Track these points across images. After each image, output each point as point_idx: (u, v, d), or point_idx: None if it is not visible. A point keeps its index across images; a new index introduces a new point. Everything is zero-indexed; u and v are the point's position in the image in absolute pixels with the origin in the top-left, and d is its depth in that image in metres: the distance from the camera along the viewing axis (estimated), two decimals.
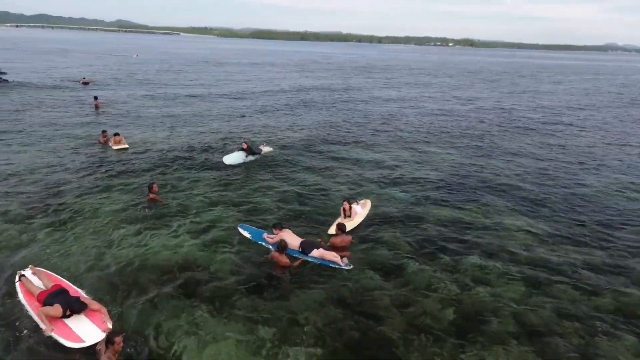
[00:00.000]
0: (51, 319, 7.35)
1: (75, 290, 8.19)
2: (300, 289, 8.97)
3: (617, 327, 8.28)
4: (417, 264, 10.10)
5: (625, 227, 12.73)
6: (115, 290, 8.67)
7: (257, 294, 8.74)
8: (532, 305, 8.84)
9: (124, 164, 16.31)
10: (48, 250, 10.03)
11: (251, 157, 16.67)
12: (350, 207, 11.76)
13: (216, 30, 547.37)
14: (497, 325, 8.19)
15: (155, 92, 35.08)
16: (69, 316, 7.47)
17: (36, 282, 8.35)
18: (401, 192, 14.73)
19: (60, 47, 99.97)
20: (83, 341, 7.04)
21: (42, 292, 7.85)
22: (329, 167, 17.11)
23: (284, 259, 9.31)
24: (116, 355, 6.36)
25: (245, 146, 16.81)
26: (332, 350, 7.44)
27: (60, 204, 12.50)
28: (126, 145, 18.20)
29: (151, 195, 12.56)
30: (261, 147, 17.65)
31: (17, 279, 8.39)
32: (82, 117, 24.25)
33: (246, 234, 10.62)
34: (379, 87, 48.64)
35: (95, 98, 27.11)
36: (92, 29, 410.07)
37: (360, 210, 12.09)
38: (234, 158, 16.45)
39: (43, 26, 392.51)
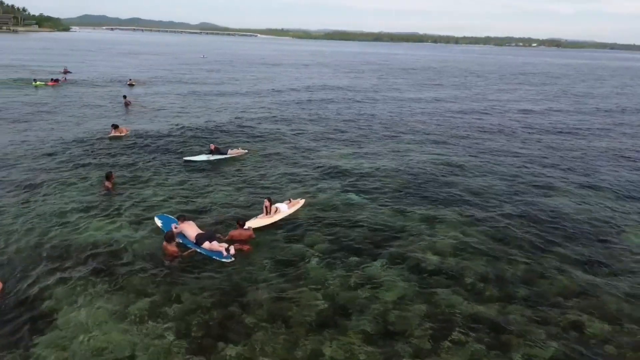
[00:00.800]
0: None
1: None
2: (185, 277, 9.75)
3: (473, 336, 8.30)
4: (320, 262, 10.52)
5: (567, 244, 12.10)
6: (33, 264, 10.07)
7: (146, 278, 9.63)
8: (406, 307, 9.05)
9: (112, 153, 18.22)
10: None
11: (218, 156, 17.89)
12: (271, 205, 12.46)
13: (292, 31, 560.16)
14: (356, 323, 8.54)
15: (190, 91, 37.62)
16: None
17: None
18: (356, 194, 14.98)
19: (135, 49, 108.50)
20: None
21: None
22: (297, 167, 17.76)
23: (171, 248, 10.27)
24: None
25: (212, 147, 18.14)
26: (187, 330, 8.20)
27: (29, 186, 14.48)
28: (123, 134, 20.45)
29: (106, 183, 14.16)
30: (231, 150, 18.66)
31: None
32: (109, 113, 26.90)
33: (159, 223, 11.71)
34: (412, 88, 48.25)
35: (124, 97, 29.90)
36: (177, 32, 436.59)
37: (285, 209, 12.67)
38: (196, 157, 17.92)
39: (134, 29, 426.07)
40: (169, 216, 12.20)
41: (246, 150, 19.11)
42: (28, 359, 7.48)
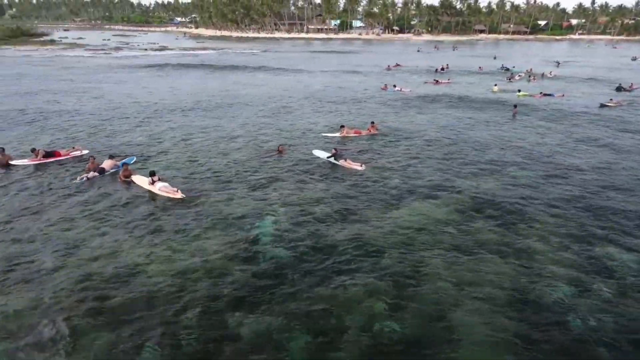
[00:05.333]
0: None
1: None
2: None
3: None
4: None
5: None
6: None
7: None
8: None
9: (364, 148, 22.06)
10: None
11: (333, 161, 18.25)
12: (152, 177, 15.19)
13: None
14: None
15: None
16: None
17: None
18: (273, 223, 12.87)
19: None
20: None
21: None
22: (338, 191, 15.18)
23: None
24: None
25: (334, 151, 18.51)
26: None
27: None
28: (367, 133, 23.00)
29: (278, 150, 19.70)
30: (344, 161, 18.09)
31: None
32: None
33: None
34: None
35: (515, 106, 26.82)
36: None
37: (159, 185, 14.98)
38: (320, 154, 19.12)
39: None
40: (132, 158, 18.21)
41: (362, 167, 17.63)
42: None
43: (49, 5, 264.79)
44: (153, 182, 15.11)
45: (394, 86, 38.69)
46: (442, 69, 52.63)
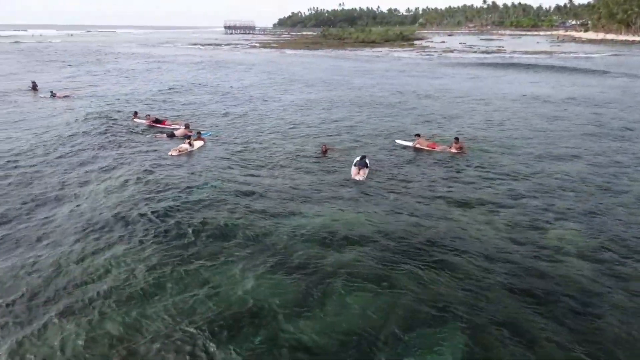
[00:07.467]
0: None
1: None
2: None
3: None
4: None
5: None
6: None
7: None
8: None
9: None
10: None
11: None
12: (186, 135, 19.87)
13: None
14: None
15: None
16: None
17: None
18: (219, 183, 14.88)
19: None
20: None
21: None
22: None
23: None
24: None
25: (359, 158, 17.10)
26: None
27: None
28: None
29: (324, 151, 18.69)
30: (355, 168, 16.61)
31: None
32: None
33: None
34: None
35: None
36: None
37: (195, 145, 19.13)
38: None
39: None
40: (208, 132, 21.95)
41: (362, 178, 15.89)
42: None
43: (452, 13, 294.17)
44: (190, 143, 19.08)
45: None
46: None
